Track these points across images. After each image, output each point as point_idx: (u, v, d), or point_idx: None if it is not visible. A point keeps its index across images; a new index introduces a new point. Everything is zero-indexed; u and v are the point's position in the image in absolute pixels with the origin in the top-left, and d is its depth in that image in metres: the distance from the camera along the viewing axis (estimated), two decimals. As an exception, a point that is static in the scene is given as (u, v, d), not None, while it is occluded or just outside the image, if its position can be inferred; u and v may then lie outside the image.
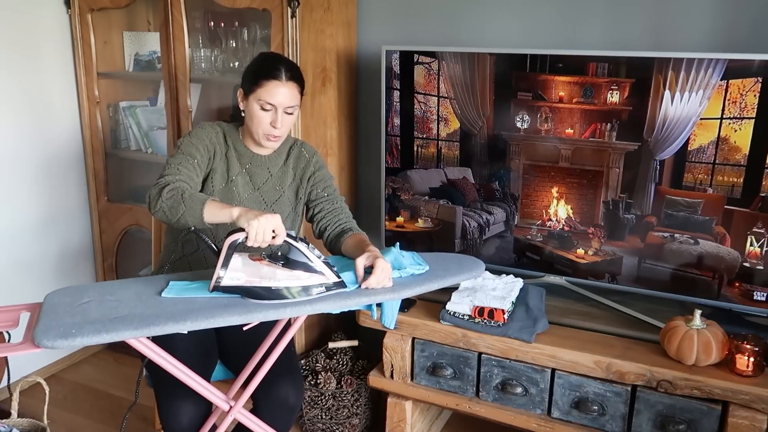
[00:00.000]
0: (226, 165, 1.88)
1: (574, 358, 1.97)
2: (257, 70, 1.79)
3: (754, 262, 2.00)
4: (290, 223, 1.96)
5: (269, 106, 1.76)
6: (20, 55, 2.67)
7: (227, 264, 1.50)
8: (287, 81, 1.76)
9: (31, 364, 2.86)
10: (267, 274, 1.51)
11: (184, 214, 1.59)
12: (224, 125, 1.92)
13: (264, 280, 1.50)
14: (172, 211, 1.61)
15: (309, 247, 1.54)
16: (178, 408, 1.71)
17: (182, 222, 1.60)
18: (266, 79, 1.75)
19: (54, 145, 2.85)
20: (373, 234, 2.85)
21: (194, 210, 1.57)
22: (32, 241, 2.82)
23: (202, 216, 1.56)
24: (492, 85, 2.24)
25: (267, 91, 1.75)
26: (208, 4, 2.53)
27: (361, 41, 2.68)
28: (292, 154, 1.95)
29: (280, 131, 1.80)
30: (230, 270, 1.50)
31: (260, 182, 1.91)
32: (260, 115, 1.78)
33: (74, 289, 1.55)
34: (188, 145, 1.81)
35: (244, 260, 1.53)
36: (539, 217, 2.28)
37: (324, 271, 1.53)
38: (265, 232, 1.48)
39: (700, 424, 1.86)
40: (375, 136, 2.65)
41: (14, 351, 1.36)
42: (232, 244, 1.50)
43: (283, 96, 1.76)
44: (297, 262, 1.53)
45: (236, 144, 1.90)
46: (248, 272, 1.51)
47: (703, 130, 1.98)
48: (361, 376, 2.44)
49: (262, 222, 1.47)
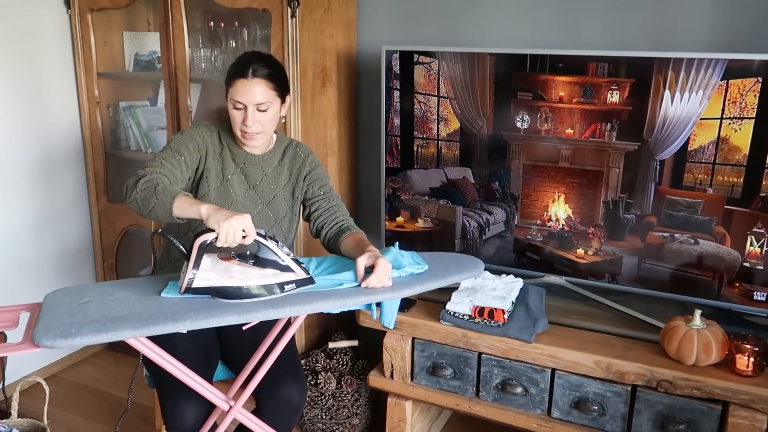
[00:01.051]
0: (221, 165, 1.88)
1: (574, 358, 1.97)
2: (230, 71, 1.80)
3: (754, 262, 2.00)
4: (287, 223, 1.96)
5: (240, 104, 1.77)
6: (20, 55, 2.67)
7: (198, 265, 1.50)
8: (253, 78, 1.75)
9: (31, 364, 2.86)
10: (238, 273, 1.51)
11: (155, 207, 1.59)
12: (219, 125, 1.93)
13: (235, 279, 1.50)
14: (144, 203, 1.61)
15: (278, 245, 1.55)
16: (182, 408, 1.71)
17: (153, 215, 1.61)
18: (235, 79, 1.77)
19: (54, 145, 2.85)
20: (373, 234, 2.85)
21: (164, 203, 1.57)
22: (32, 241, 2.82)
23: (171, 210, 1.56)
24: (492, 85, 2.24)
25: (235, 90, 1.77)
26: (208, 4, 2.53)
27: (361, 41, 2.68)
28: (287, 154, 1.95)
29: (252, 129, 1.79)
30: (201, 271, 1.50)
31: (255, 181, 1.91)
32: (233, 114, 1.80)
33: (74, 289, 1.56)
34: (178, 142, 1.82)
35: (214, 260, 1.53)
36: (539, 217, 2.28)
37: (293, 268, 1.54)
38: (236, 233, 1.48)
39: (700, 424, 1.86)
40: (375, 136, 2.65)
41: (14, 351, 1.36)
42: (202, 244, 1.49)
43: (250, 94, 1.75)
44: (267, 260, 1.53)
45: (230, 144, 1.90)
46: (219, 272, 1.51)
47: (703, 130, 1.98)
48: (361, 376, 2.44)
49: (232, 223, 1.47)
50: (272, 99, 1.79)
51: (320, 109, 2.51)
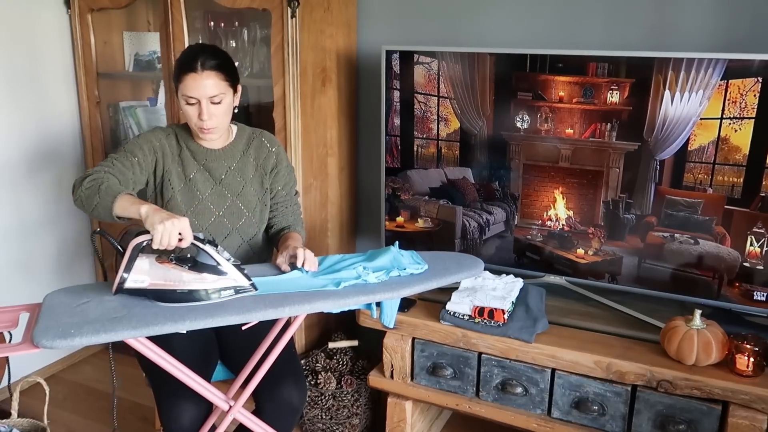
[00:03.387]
0: (181, 166, 1.88)
1: (574, 358, 1.97)
2: (177, 66, 1.78)
3: (754, 262, 2.00)
4: (259, 214, 1.95)
5: (192, 99, 1.75)
6: (20, 55, 2.67)
7: (131, 266, 1.49)
8: (203, 71, 1.73)
9: (31, 364, 2.86)
10: (173, 277, 1.49)
11: (98, 205, 1.59)
12: (176, 127, 1.93)
13: (170, 282, 1.48)
14: (87, 201, 1.62)
15: (218, 250, 1.53)
16: (179, 409, 1.70)
17: (96, 213, 1.61)
18: (184, 74, 1.74)
19: (54, 145, 2.85)
20: (373, 234, 2.86)
21: (106, 202, 1.57)
22: (32, 241, 2.82)
23: (113, 208, 1.56)
24: (492, 85, 2.24)
25: (186, 85, 1.74)
26: (208, 4, 2.53)
27: (361, 41, 2.68)
28: (252, 145, 1.94)
29: (209, 123, 1.78)
30: (134, 272, 1.49)
31: (220, 176, 1.90)
32: (187, 111, 1.78)
33: (73, 289, 1.56)
34: (132, 144, 1.83)
35: (151, 263, 1.51)
36: (539, 217, 2.28)
37: (233, 274, 1.51)
38: (171, 236, 1.47)
39: (700, 424, 1.86)
40: (375, 136, 2.65)
41: (14, 351, 1.36)
42: (137, 246, 1.48)
43: (202, 87, 1.74)
44: (205, 264, 1.51)
45: (188, 143, 1.89)
46: (153, 275, 1.49)
47: (703, 130, 1.98)
48: (361, 376, 2.44)
49: (167, 226, 1.46)
50: (224, 90, 1.78)
51: (320, 109, 2.51)
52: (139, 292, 1.49)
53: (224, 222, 1.91)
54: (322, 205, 2.62)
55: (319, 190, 2.58)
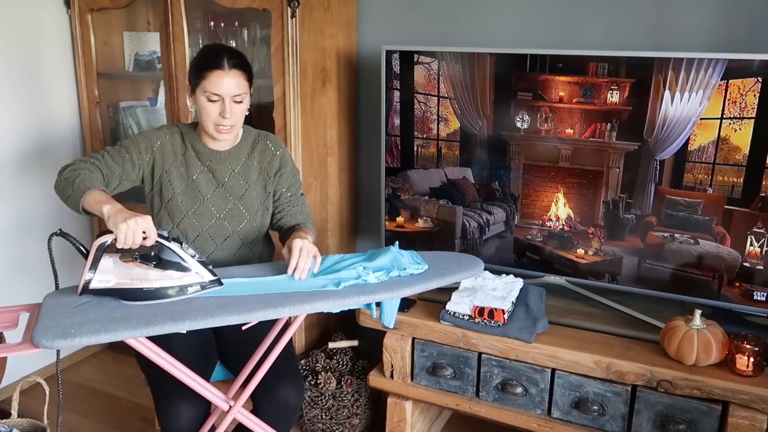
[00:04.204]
0: (184, 166, 1.87)
1: (574, 358, 1.97)
2: (200, 63, 1.78)
3: (754, 262, 2.00)
4: (260, 217, 1.95)
5: (215, 96, 1.75)
6: (20, 55, 2.67)
7: (96, 266, 1.49)
8: (230, 69, 1.74)
9: (31, 364, 2.86)
10: (139, 275, 1.50)
11: (69, 198, 1.61)
12: (183, 126, 1.92)
13: (136, 281, 1.49)
14: (62, 192, 1.64)
15: (182, 247, 1.53)
16: (177, 409, 1.70)
17: (69, 205, 1.62)
18: (209, 70, 1.74)
19: (54, 145, 2.85)
20: (373, 234, 2.86)
21: (76, 196, 1.59)
22: (32, 241, 2.82)
23: (80, 203, 1.57)
24: (492, 85, 2.24)
25: (211, 81, 1.74)
26: (208, 4, 2.52)
27: (361, 41, 2.68)
28: (256, 148, 1.94)
29: (230, 121, 1.78)
30: (99, 272, 1.49)
31: (224, 178, 1.90)
32: (208, 107, 1.77)
33: (73, 289, 1.56)
34: (130, 140, 1.84)
35: (115, 262, 1.52)
36: (539, 217, 2.28)
37: (198, 270, 1.52)
38: (135, 235, 1.47)
39: (700, 424, 1.86)
40: (375, 136, 2.65)
41: (13, 351, 1.36)
42: (101, 246, 1.48)
43: (228, 85, 1.74)
44: (170, 262, 1.52)
45: (194, 143, 1.89)
46: (119, 274, 1.50)
47: (703, 130, 1.98)
48: (361, 376, 2.44)
49: (130, 225, 1.46)
50: (246, 90, 1.79)
51: (320, 109, 2.51)
52: (105, 291, 1.49)
53: (224, 224, 1.90)
54: (322, 205, 2.62)
55: (319, 190, 2.58)
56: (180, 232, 1.87)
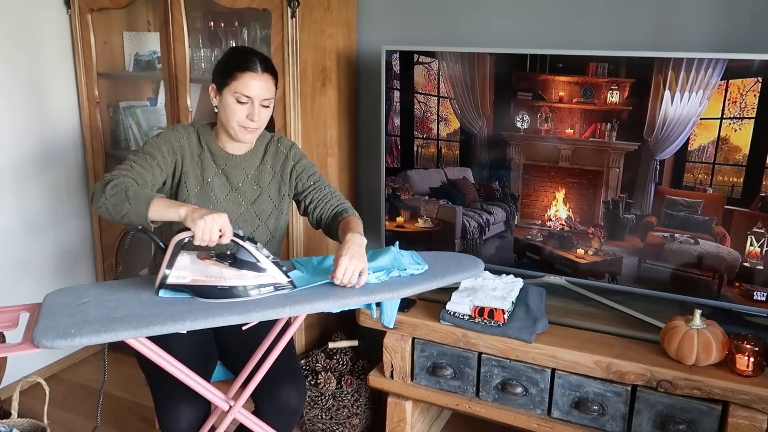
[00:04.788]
0: (200, 167, 1.86)
1: (574, 358, 1.97)
2: (232, 63, 1.77)
3: (754, 262, 2.00)
4: (273, 221, 1.94)
5: (245, 98, 1.74)
6: (20, 55, 2.67)
7: (173, 263, 1.50)
8: (263, 73, 1.74)
9: (31, 364, 2.86)
10: (214, 273, 1.51)
11: (129, 212, 1.57)
12: (199, 126, 1.91)
13: (210, 279, 1.50)
14: (115, 209, 1.58)
15: (257, 247, 1.54)
16: (177, 411, 1.70)
17: (126, 220, 1.58)
18: (241, 71, 1.73)
19: (54, 145, 2.85)
20: (373, 234, 2.85)
21: (139, 208, 1.56)
22: (32, 241, 2.82)
23: (147, 214, 1.55)
24: (492, 85, 2.24)
25: (243, 83, 1.73)
26: (208, 4, 2.53)
27: (361, 41, 2.68)
28: (269, 152, 1.93)
29: (256, 124, 1.78)
30: (176, 269, 1.50)
31: (237, 183, 1.89)
32: (236, 108, 1.76)
33: (73, 289, 1.56)
34: (151, 145, 1.80)
35: (192, 259, 1.53)
36: (539, 217, 2.28)
37: (272, 271, 1.53)
38: (212, 232, 1.48)
39: (700, 424, 1.86)
40: (375, 136, 2.65)
41: (14, 351, 1.36)
42: (179, 243, 1.49)
43: (258, 88, 1.74)
44: (245, 261, 1.53)
45: (210, 145, 1.88)
46: (195, 271, 1.51)
47: (703, 130, 1.98)
48: (361, 376, 2.44)
49: (208, 221, 1.47)
50: (273, 96, 1.80)
51: (320, 109, 2.51)
52: (181, 287, 1.51)
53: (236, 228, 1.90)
54: (322, 205, 2.62)
55: (319, 190, 2.58)
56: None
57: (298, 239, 2.49)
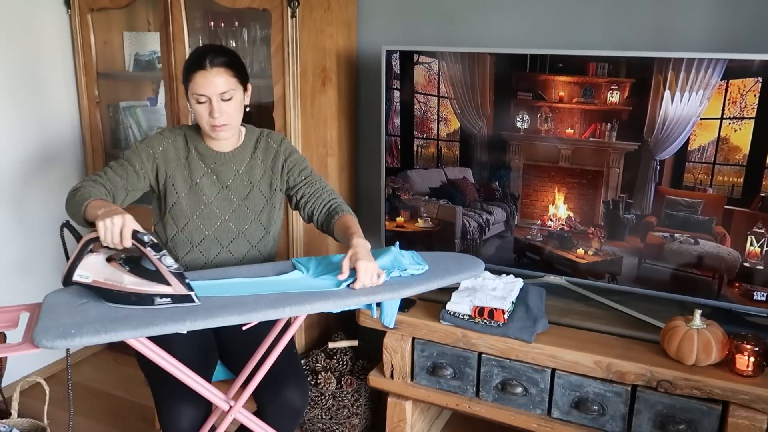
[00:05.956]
0: (187, 169, 1.87)
1: (574, 358, 1.97)
2: (186, 66, 1.78)
3: (754, 262, 2.00)
4: (266, 216, 1.94)
5: (203, 97, 1.75)
6: (20, 55, 2.67)
7: (79, 260, 1.49)
8: (212, 68, 1.73)
9: (31, 364, 2.86)
10: (114, 277, 1.49)
11: (75, 213, 1.62)
12: (186, 128, 1.92)
13: (109, 282, 1.48)
14: (69, 210, 1.65)
15: (159, 255, 1.48)
16: (178, 411, 1.70)
17: (76, 221, 1.62)
18: (193, 72, 1.74)
19: (54, 145, 2.85)
20: (373, 234, 2.85)
21: (78, 210, 1.60)
22: (32, 241, 2.82)
23: (84, 215, 1.58)
24: (492, 85, 2.24)
25: (195, 83, 1.74)
26: (208, 4, 2.53)
27: (361, 41, 2.68)
28: (259, 147, 1.93)
29: (221, 120, 1.77)
30: (81, 267, 1.49)
31: (227, 181, 1.89)
32: (198, 110, 1.77)
33: (73, 289, 1.55)
34: (132, 151, 1.84)
35: (100, 260, 1.51)
36: (539, 217, 2.28)
37: (171, 282, 1.48)
38: (113, 233, 1.46)
39: (700, 424, 1.86)
40: (375, 136, 2.65)
41: (14, 351, 1.36)
42: (88, 241, 1.49)
43: (210, 84, 1.73)
44: (145, 269, 1.49)
45: (198, 145, 1.88)
46: (98, 272, 1.49)
47: (703, 130, 1.98)
48: (361, 376, 2.44)
49: (107, 223, 1.46)
50: (234, 87, 1.77)
51: (320, 109, 2.51)
52: (85, 287, 1.50)
53: (230, 226, 1.90)
54: (322, 205, 2.62)
55: (319, 190, 2.58)
56: (185, 236, 1.87)
57: (298, 239, 2.48)
